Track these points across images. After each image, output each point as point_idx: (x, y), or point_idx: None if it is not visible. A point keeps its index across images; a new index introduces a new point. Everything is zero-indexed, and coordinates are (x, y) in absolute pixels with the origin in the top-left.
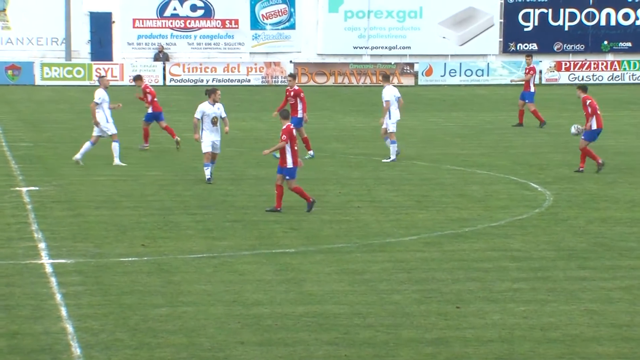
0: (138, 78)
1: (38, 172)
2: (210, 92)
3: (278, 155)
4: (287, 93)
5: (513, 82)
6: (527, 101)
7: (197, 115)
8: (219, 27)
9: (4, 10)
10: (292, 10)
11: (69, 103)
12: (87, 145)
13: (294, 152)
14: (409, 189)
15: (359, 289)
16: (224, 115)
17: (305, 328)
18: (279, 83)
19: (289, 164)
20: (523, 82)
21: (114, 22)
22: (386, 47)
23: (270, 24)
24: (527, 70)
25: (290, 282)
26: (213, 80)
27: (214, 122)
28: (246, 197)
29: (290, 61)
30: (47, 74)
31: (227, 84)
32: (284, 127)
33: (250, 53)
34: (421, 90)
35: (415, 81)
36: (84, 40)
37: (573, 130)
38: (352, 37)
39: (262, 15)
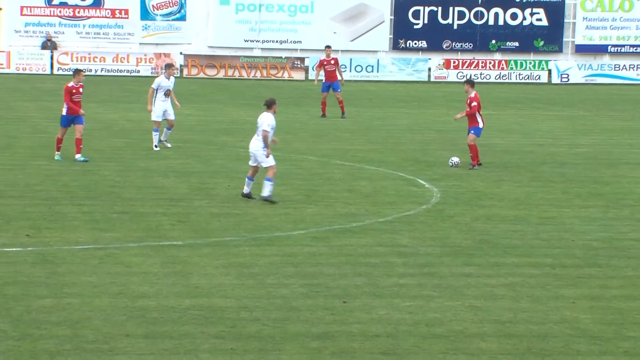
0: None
1: None
2: (167, 67)
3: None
4: (326, 62)
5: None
6: (337, 90)
7: (154, 85)
8: (109, 17)
9: None
10: (182, 1)
11: None
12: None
13: None
14: (298, 183)
15: (247, 283)
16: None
17: (191, 321)
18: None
19: None
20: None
21: (1, 9)
22: (277, 41)
23: (160, 15)
24: (329, 62)
25: (177, 275)
26: (102, 70)
27: (167, 94)
28: (134, 188)
29: (181, 52)
30: None
31: (116, 74)
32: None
33: (140, 44)
34: (311, 85)
35: (305, 76)
36: None
37: (453, 162)
38: (243, 30)
39: (153, 5)
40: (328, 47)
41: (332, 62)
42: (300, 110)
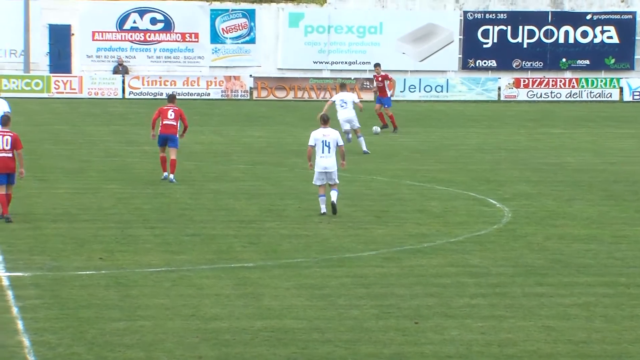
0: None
1: None
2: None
3: None
4: (375, 78)
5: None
6: (385, 106)
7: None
8: (179, 41)
9: None
10: (252, 24)
11: (27, 115)
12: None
13: None
14: (368, 204)
15: (318, 304)
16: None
17: (263, 343)
18: (239, 97)
19: None
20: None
21: (73, 34)
22: (346, 62)
23: (230, 38)
24: (377, 78)
25: (249, 297)
26: (172, 92)
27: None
28: (205, 211)
29: (250, 75)
30: (6, 86)
31: (186, 97)
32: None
33: (210, 67)
34: None
35: (374, 96)
36: (43, 52)
37: (375, 130)
38: (312, 52)
39: (222, 29)
40: (377, 65)
41: (380, 78)
42: (369, 131)
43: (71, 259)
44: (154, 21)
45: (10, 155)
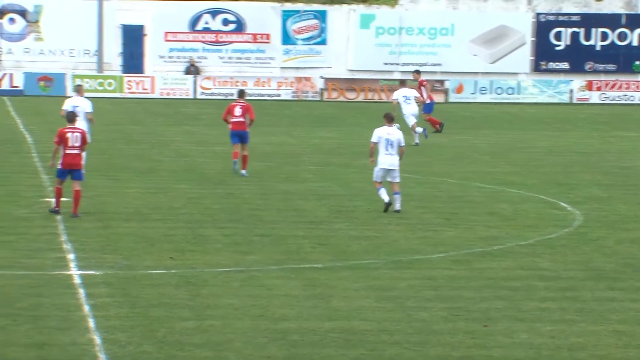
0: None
1: (67, 183)
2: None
3: None
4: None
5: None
6: (424, 112)
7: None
8: (250, 42)
9: (37, 21)
10: (323, 25)
11: (100, 115)
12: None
13: None
14: (437, 206)
15: (386, 306)
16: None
17: (331, 344)
18: (309, 98)
19: None
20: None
21: (145, 35)
22: (417, 64)
23: (301, 39)
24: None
25: (318, 298)
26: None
27: None
28: (275, 211)
29: (321, 76)
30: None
31: (257, 98)
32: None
33: (281, 68)
34: (451, 107)
35: (445, 98)
36: (116, 53)
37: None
38: (383, 53)
39: (294, 30)
40: (416, 71)
41: (418, 85)
42: (439, 133)
43: (142, 258)
44: (226, 22)
45: (78, 151)
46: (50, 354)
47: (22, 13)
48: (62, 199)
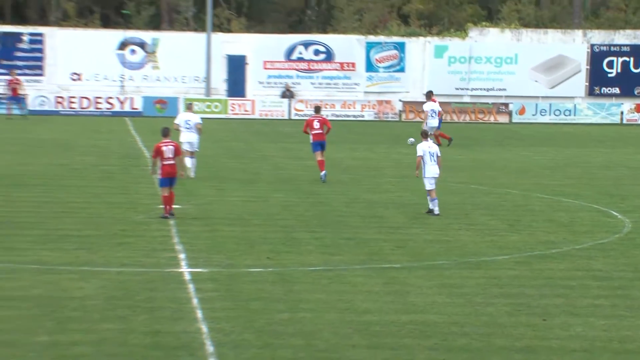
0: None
1: (180, 192)
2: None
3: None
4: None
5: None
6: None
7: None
8: (338, 70)
9: (154, 52)
10: (402, 55)
11: (207, 133)
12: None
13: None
14: (502, 214)
15: (457, 301)
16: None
17: (409, 334)
18: (389, 119)
19: None
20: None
21: (247, 64)
22: (484, 89)
23: (382, 67)
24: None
25: (396, 294)
26: (332, 115)
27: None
28: (359, 217)
29: (400, 100)
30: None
31: (343, 118)
32: None
33: (364, 92)
34: (515, 127)
35: (509, 119)
36: (222, 79)
37: (410, 141)
38: (455, 79)
39: (376, 59)
40: (429, 92)
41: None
42: (504, 150)
43: (243, 257)
44: (317, 52)
45: (173, 162)
46: (164, 341)
47: (142, 45)
48: (175, 206)
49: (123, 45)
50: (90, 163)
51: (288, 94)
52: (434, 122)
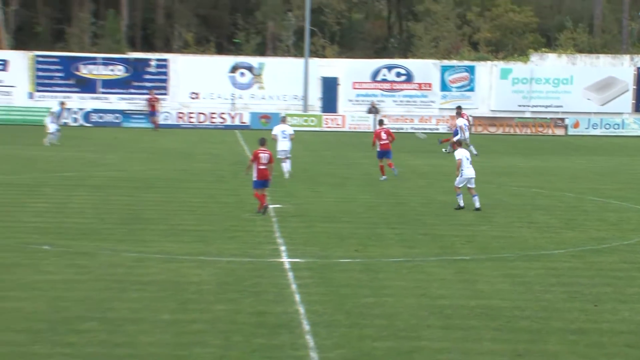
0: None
1: (281, 194)
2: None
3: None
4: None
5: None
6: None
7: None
8: (416, 89)
9: (260, 75)
10: (472, 77)
11: (304, 143)
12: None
13: None
14: (559, 213)
15: (518, 289)
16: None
17: (477, 317)
18: None
19: None
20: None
21: (339, 84)
22: (543, 106)
23: (455, 87)
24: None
25: (466, 282)
26: (410, 128)
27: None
28: (434, 216)
29: (469, 115)
30: (289, 121)
31: (421, 131)
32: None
33: (439, 108)
34: (570, 139)
35: (565, 132)
36: (317, 97)
37: (421, 136)
38: (517, 97)
39: (449, 80)
40: (458, 107)
41: (464, 117)
42: (560, 158)
43: (334, 250)
44: (398, 74)
45: (267, 167)
46: (267, 320)
47: (249, 68)
48: (271, 206)
49: (234, 69)
50: (206, 169)
51: (373, 110)
52: (467, 134)
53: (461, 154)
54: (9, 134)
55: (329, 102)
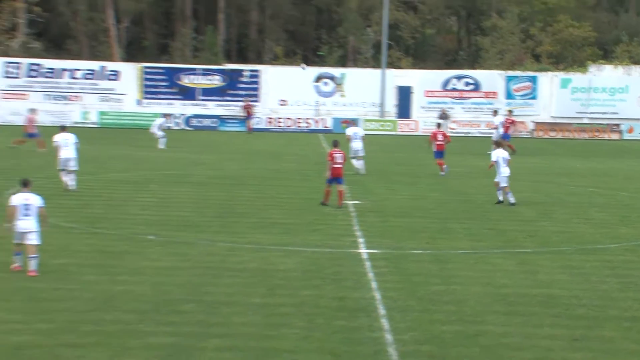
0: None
1: (359, 191)
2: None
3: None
4: (507, 121)
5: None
6: (507, 139)
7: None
8: (483, 97)
9: (342, 84)
10: (534, 86)
11: (380, 146)
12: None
13: None
14: (614, 211)
15: (576, 280)
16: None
17: (537, 304)
18: (523, 136)
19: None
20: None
21: (412, 92)
22: (600, 113)
23: (519, 95)
24: (508, 121)
25: (527, 273)
26: (477, 133)
27: None
28: (498, 212)
29: (532, 121)
30: (367, 126)
31: (487, 136)
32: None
33: (504, 115)
34: (625, 143)
35: (620, 137)
36: (393, 104)
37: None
38: (576, 105)
39: (514, 89)
40: (509, 111)
41: (509, 121)
42: (615, 161)
43: (407, 242)
44: (467, 84)
45: (341, 166)
46: (347, 304)
47: (332, 78)
48: (350, 202)
49: (318, 79)
50: (293, 168)
51: (444, 116)
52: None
53: (497, 155)
54: (120, 136)
55: (404, 109)
